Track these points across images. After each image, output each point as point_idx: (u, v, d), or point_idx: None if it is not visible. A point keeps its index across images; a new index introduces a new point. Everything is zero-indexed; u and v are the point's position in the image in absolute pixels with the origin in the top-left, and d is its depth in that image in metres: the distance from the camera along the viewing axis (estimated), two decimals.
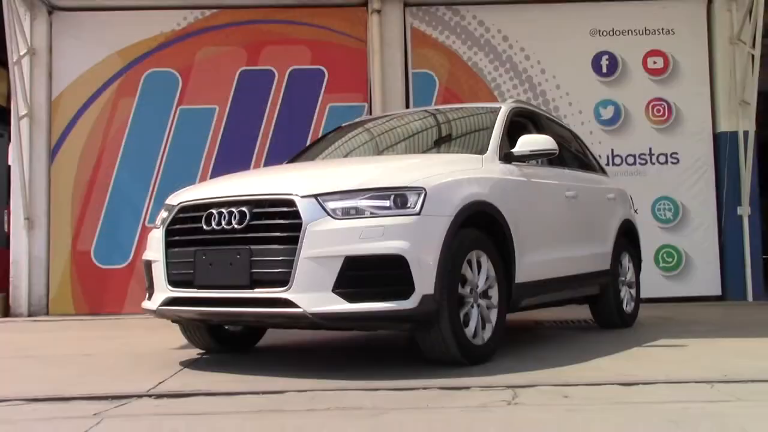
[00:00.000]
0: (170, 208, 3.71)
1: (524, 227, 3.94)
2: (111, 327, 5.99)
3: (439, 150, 4.51)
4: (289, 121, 7.35)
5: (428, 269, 3.22)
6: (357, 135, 4.93)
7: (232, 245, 3.32)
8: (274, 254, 3.22)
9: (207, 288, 3.40)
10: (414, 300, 3.16)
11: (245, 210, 3.32)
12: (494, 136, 4.18)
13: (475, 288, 3.54)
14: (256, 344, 4.46)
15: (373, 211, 3.22)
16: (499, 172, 3.96)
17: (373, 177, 3.42)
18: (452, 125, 4.72)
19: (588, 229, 4.90)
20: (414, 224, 3.21)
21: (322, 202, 3.23)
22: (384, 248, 3.14)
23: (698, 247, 7.38)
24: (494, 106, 4.63)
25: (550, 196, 4.44)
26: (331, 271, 3.14)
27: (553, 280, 4.30)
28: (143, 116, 7.33)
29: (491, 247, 3.67)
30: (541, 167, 4.60)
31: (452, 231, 3.35)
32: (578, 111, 7.47)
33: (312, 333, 4.96)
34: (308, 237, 3.17)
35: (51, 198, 7.24)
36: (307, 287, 3.15)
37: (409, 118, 4.96)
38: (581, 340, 4.58)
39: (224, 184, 3.80)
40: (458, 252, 3.39)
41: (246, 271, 3.25)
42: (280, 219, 3.26)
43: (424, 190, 3.30)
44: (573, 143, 5.50)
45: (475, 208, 3.57)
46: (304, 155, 4.84)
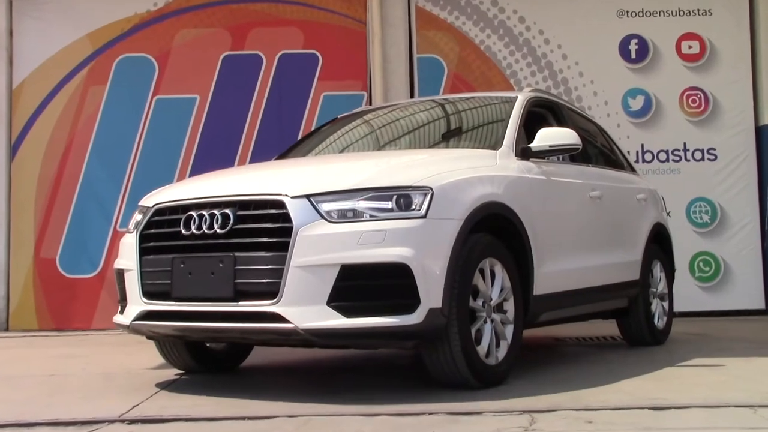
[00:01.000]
0: (145, 211, 3.71)
1: (543, 232, 3.94)
2: (79, 344, 5.98)
3: (447, 145, 4.50)
4: (278, 112, 7.35)
5: (435, 279, 3.21)
6: (355, 128, 4.93)
7: (214, 252, 3.32)
8: (262, 262, 3.21)
9: (186, 300, 3.39)
10: (419, 314, 3.16)
11: (229, 212, 3.32)
12: (509, 129, 4.18)
13: (488, 301, 3.54)
14: (241, 364, 4.45)
15: (372, 213, 3.22)
16: (516, 170, 3.96)
17: (373, 175, 3.42)
18: (462, 117, 4.72)
19: (615, 234, 4.89)
20: (419, 228, 3.21)
21: (315, 204, 3.23)
22: (385, 255, 3.14)
23: (738, 254, 7.38)
24: (510, 96, 4.63)
25: (572, 197, 4.44)
26: (326, 282, 3.14)
27: (575, 291, 4.29)
28: (115, 107, 7.33)
29: (506, 254, 3.67)
30: (563, 164, 4.59)
31: (462, 236, 3.35)
32: (604, 101, 7.48)
33: (304, 351, 4.96)
34: (300, 243, 3.16)
35: (11, 199, 7.25)
36: (299, 300, 3.14)
37: (413, 108, 4.96)
38: (607, 359, 4.57)
39: (205, 184, 3.79)
40: (469, 260, 3.39)
41: (229, 282, 3.25)
42: (268, 222, 3.26)
43: (430, 190, 3.30)
44: (598, 137, 5.50)
45: (488, 210, 3.57)
46: (295, 151, 4.84)
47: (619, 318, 5.23)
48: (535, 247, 3.84)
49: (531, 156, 4.13)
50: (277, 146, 6.23)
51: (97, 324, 7.02)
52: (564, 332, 5.92)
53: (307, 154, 4.71)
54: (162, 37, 7.43)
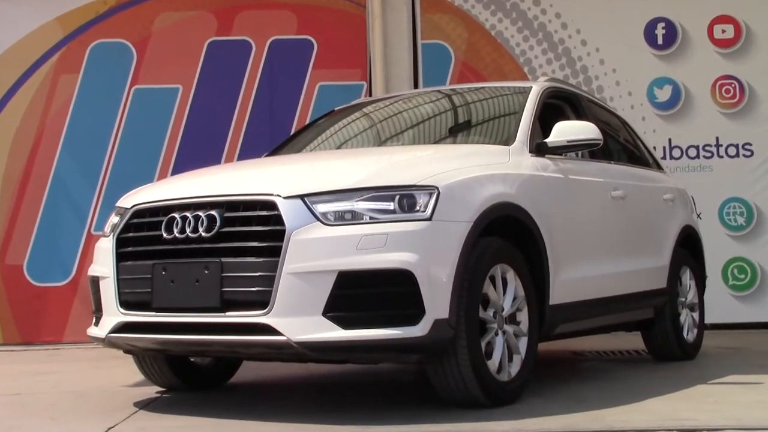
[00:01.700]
0: (122, 212, 3.73)
1: (560, 235, 3.96)
2: (48, 359, 6.00)
3: (454, 140, 4.52)
4: (269, 104, 7.37)
5: (441, 288, 3.23)
6: (354, 121, 4.95)
7: (198, 257, 3.34)
8: (251, 269, 3.23)
9: (168, 311, 3.41)
10: (424, 326, 3.17)
11: (215, 214, 3.34)
12: (523, 122, 4.20)
13: (499, 311, 3.56)
14: (228, 380, 4.47)
15: (373, 215, 3.24)
16: (530, 167, 3.98)
17: (373, 173, 3.44)
18: (471, 109, 4.74)
19: (639, 237, 4.91)
20: (424, 231, 3.23)
21: (310, 205, 3.25)
22: (386, 261, 3.16)
23: None
24: (523, 86, 4.65)
25: (592, 197, 4.46)
26: (322, 290, 3.15)
27: (596, 301, 4.31)
28: (89, 98, 7.34)
29: (520, 260, 3.69)
30: (582, 161, 4.61)
31: (471, 240, 3.37)
32: (627, 92, 7.48)
33: (298, 367, 4.97)
34: (293, 247, 3.18)
35: None
36: (292, 310, 3.16)
37: (417, 100, 4.98)
38: (631, 375, 4.59)
39: (189, 183, 3.82)
40: (479, 266, 3.40)
41: (216, 290, 3.26)
42: (258, 225, 3.28)
43: (436, 190, 3.32)
44: (621, 131, 5.52)
45: (500, 211, 3.58)
46: (287, 147, 4.86)
47: (644, 330, 5.24)
48: (551, 252, 3.85)
49: (547, 152, 4.15)
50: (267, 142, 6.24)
51: (69, 337, 7.03)
52: (583, 345, 5.93)
53: (300, 150, 4.73)
54: (141, 21, 7.43)
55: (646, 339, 5.30)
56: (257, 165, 4.21)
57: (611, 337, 5.98)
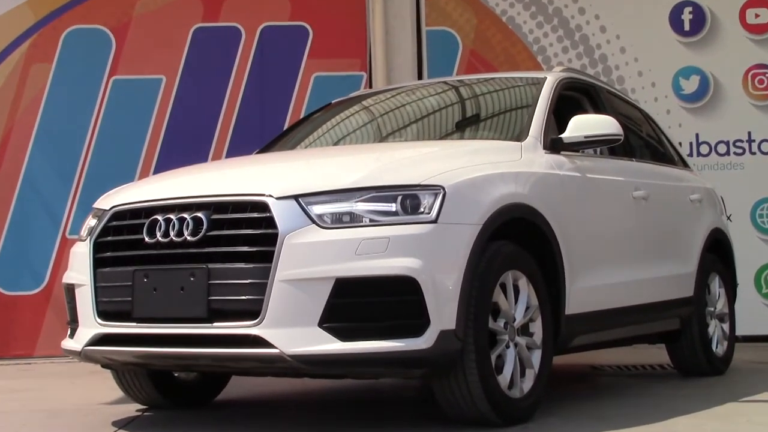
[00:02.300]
0: (100, 214, 3.75)
1: (577, 239, 3.98)
2: (19, 375, 6.00)
3: (462, 136, 4.54)
4: (260, 97, 7.37)
5: (448, 296, 3.25)
6: (352, 115, 4.97)
7: (183, 263, 3.35)
8: (240, 275, 3.25)
9: (150, 321, 3.43)
10: (429, 337, 3.19)
11: (201, 216, 3.36)
12: (537, 116, 4.21)
13: (511, 321, 3.58)
14: (215, 397, 4.48)
15: (373, 217, 3.26)
16: (544, 165, 4.00)
17: (374, 172, 3.46)
18: (480, 102, 4.76)
19: (663, 241, 4.93)
20: (429, 235, 3.25)
21: (305, 206, 3.26)
22: (388, 267, 3.18)
23: None
24: (537, 77, 4.68)
25: (612, 198, 4.48)
26: (318, 299, 3.17)
27: (616, 310, 4.33)
28: (63, 90, 7.34)
29: (533, 266, 3.71)
30: (600, 158, 4.63)
31: (480, 244, 3.38)
32: (651, 83, 7.50)
33: (292, 382, 4.98)
34: (286, 252, 3.20)
35: None
36: (285, 320, 3.17)
37: (422, 92, 5.00)
38: (654, 392, 4.60)
39: (173, 182, 3.83)
40: (488, 273, 3.42)
41: (202, 299, 3.28)
42: (249, 228, 3.29)
43: (441, 190, 3.34)
44: (644, 126, 5.53)
45: (512, 213, 3.60)
46: (280, 143, 4.88)
47: (669, 343, 5.25)
48: (567, 258, 3.87)
49: (562, 149, 4.16)
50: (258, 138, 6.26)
51: (41, 350, 7.03)
52: (603, 359, 5.94)
53: (295, 147, 4.75)
54: (120, 6, 7.43)
55: (671, 352, 5.31)
56: (247, 163, 4.23)
57: (633, 350, 5.99)
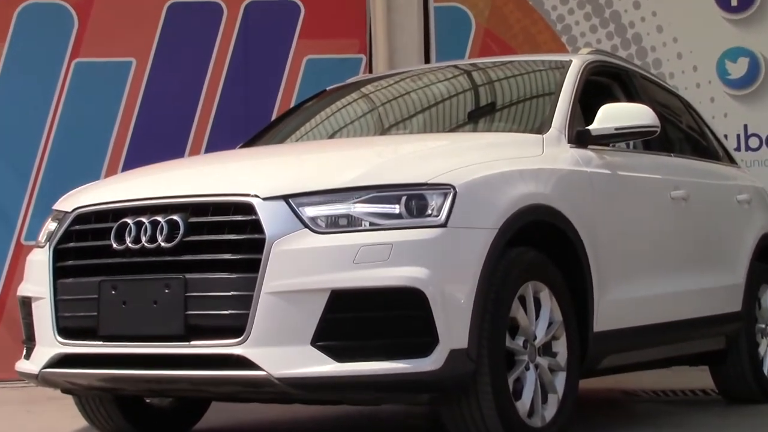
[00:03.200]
0: (62, 217, 3.75)
1: (607, 245, 3.98)
2: None
3: (475, 127, 4.55)
4: (244, 83, 7.37)
5: (459, 310, 3.25)
6: (350, 104, 4.98)
7: (157, 273, 3.36)
8: (222, 287, 3.26)
9: (118, 340, 3.43)
10: (437, 358, 3.19)
11: (178, 219, 3.36)
12: (561, 105, 4.22)
13: (531, 339, 3.58)
14: (193, 426, 4.48)
15: (374, 220, 3.26)
16: (569, 161, 4.01)
17: (375, 168, 3.48)
18: (496, 89, 4.76)
19: (706, 249, 4.93)
20: (437, 241, 3.26)
21: (295, 207, 3.27)
22: (391, 278, 3.18)
23: None
24: (561, 60, 4.69)
25: (647, 198, 4.49)
26: (310, 314, 3.18)
27: (652, 327, 4.33)
28: (18, 74, 7.30)
29: (556, 276, 3.72)
30: (634, 153, 4.64)
31: (496, 251, 3.39)
32: (692, 67, 7.48)
33: (281, 408, 4.99)
34: (275, 260, 3.21)
35: None
36: (273, 338, 3.18)
37: (429, 78, 5.02)
38: (696, 421, 4.59)
39: (145, 181, 3.84)
40: (506, 284, 3.43)
41: (179, 314, 3.29)
42: (232, 233, 3.30)
43: (452, 189, 3.34)
44: (683, 116, 5.54)
45: (532, 216, 3.61)
46: (268, 136, 4.90)
47: (713, 364, 5.24)
48: (595, 267, 3.87)
49: (590, 142, 4.17)
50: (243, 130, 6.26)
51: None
52: (637, 383, 5.94)
53: (284, 140, 4.76)
54: None
55: (715, 375, 5.30)
56: (230, 158, 4.24)
57: (672, 372, 5.98)
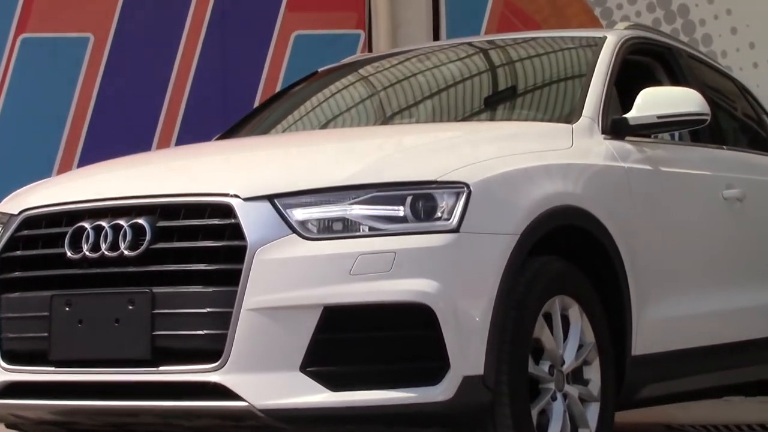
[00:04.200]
0: (6, 221, 3.74)
1: (648, 254, 3.99)
2: None
3: (493, 116, 4.56)
4: (222, 63, 7.38)
5: (474, 330, 3.26)
6: (346, 89, 4.99)
7: (119, 287, 3.36)
8: (196, 303, 3.26)
9: (73, 365, 3.43)
10: (448, 386, 3.19)
11: (143, 223, 3.36)
12: (593, 89, 4.23)
13: (558, 364, 3.59)
14: None
15: (374, 224, 3.26)
16: (603, 155, 4.02)
17: (376, 164, 3.49)
18: (517, 70, 4.78)
19: (765, 258, 4.92)
20: (448, 249, 3.26)
21: (282, 209, 3.27)
22: (394, 292, 3.19)
23: None
24: (595, 36, 4.69)
25: (695, 199, 4.49)
26: (299, 334, 3.18)
27: (700, 351, 4.33)
28: None
29: (588, 290, 3.72)
30: (679, 146, 4.66)
31: (517, 261, 3.39)
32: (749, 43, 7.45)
33: None
34: (257, 271, 3.21)
35: None
36: (256, 363, 3.18)
37: (439, 57, 5.02)
38: None
39: (105, 178, 3.86)
40: (528, 299, 3.43)
41: (144, 334, 3.29)
42: (207, 239, 3.30)
43: (465, 188, 3.34)
44: (738, 102, 5.53)
45: (560, 219, 3.62)
46: (250, 125, 4.91)
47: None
48: (634, 279, 3.87)
49: (628, 133, 4.18)
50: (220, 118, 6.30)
51: None
52: (683, 416, 5.94)
53: (269, 130, 4.78)
54: None
55: None
56: (205, 152, 4.25)
57: (724, 403, 5.99)
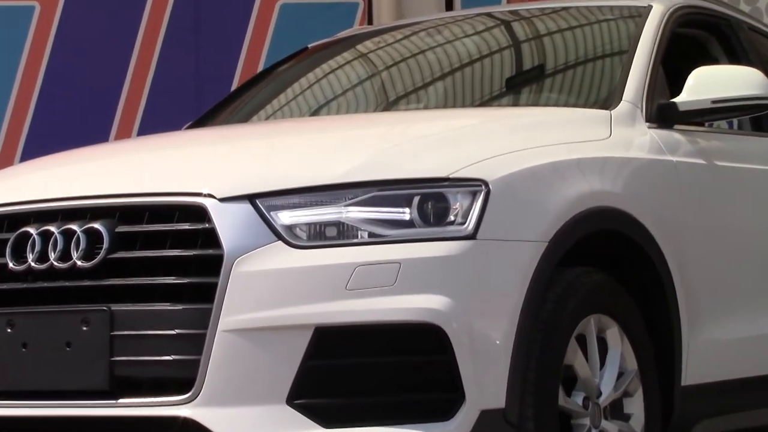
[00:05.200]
0: None
1: (702, 266, 4.00)
2: None
3: (516, 100, 4.58)
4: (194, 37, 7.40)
5: (493, 356, 3.26)
6: (341, 68, 5.02)
7: (71, 303, 3.36)
8: (162, 323, 3.26)
9: (16, 397, 3.43)
10: (463, 421, 3.20)
11: (100, 228, 3.36)
12: (636, 69, 4.25)
13: (594, 396, 3.58)
14: None
15: (375, 230, 3.27)
16: (647, 147, 4.03)
17: (376, 157, 3.51)
18: (545, 46, 4.79)
19: None
20: (463, 259, 3.26)
21: (266, 212, 3.27)
22: (399, 310, 3.19)
23: None
24: (637, 5, 4.70)
25: (757, 199, 4.50)
26: (286, 360, 3.18)
27: (765, 380, 4.33)
28: None
29: (630, 308, 3.73)
30: (738, 135, 4.66)
31: (545, 273, 3.40)
32: None
33: None
34: (236, 286, 3.21)
35: None
36: (234, 395, 3.19)
37: (452, 31, 5.04)
38: None
39: (55, 174, 3.87)
40: (558, 319, 3.43)
41: (102, 360, 3.29)
42: (176, 247, 3.30)
43: (483, 186, 3.35)
44: None
45: (596, 224, 3.63)
46: (227, 112, 4.93)
47: None
48: (685, 295, 3.88)
49: (677, 120, 4.19)
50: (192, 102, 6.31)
51: None
52: None
53: (249, 118, 4.79)
54: None
55: None
56: (174, 143, 4.25)
57: None
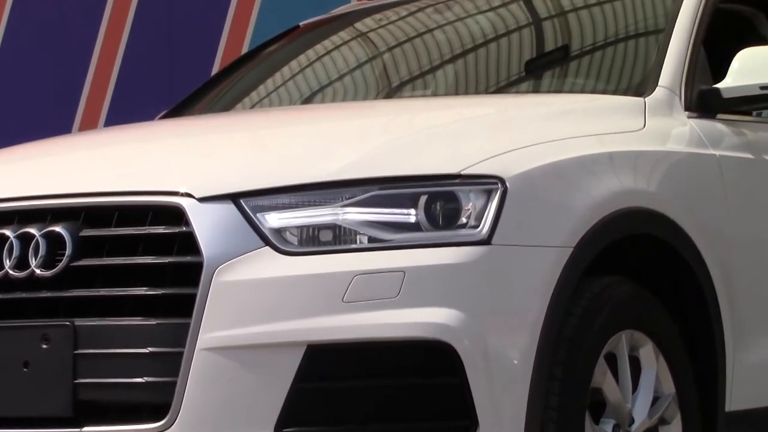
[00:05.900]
0: None
1: (748, 276, 4.02)
2: None
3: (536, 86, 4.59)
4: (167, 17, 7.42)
5: (511, 377, 3.26)
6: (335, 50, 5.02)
7: (29, 318, 3.37)
8: (133, 340, 3.27)
9: None
10: None
11: (63, 232, 3.37)
12: (673, 50, 4.27)
13: (626, 424, 3.59)
14: None
15: (376, 233, 3.27)
16: (687, 140, 4.05)
17: (377, 151, 3.52)
18: (570, 24, 4.80)
19: None
20: (476, 267, 3.26)
21: (251, 213, 3.28)
22: (403, 326, 3.19)
23: None
24: None
25: None
26: (274, 383, 3.19)
27: None
28: None
29: (666, 323, 3.73)
30: None
31: (570, 283, 3.40)
32: None
33: None
34: (217, 298, 3.21)
35: None
36: (214, 421, 3.20)
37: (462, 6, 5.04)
38: None
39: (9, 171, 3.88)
40: (584, 336, 3.44)
41: (63, 383, 3.30)
42: (149, 253, 3.31)
43: (499, 184, 3.35)
44: None
45: (627, 227, 3.64)
46: (206, 100, 4.94)
47: None
48: (729, 309, 3.88)
49: (720, 109, 4.21)
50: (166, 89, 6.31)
51: None
52: None
53: (232, 107, 4.80)
54: None
55: None
56: (146, 136, 4.25)
57: None
